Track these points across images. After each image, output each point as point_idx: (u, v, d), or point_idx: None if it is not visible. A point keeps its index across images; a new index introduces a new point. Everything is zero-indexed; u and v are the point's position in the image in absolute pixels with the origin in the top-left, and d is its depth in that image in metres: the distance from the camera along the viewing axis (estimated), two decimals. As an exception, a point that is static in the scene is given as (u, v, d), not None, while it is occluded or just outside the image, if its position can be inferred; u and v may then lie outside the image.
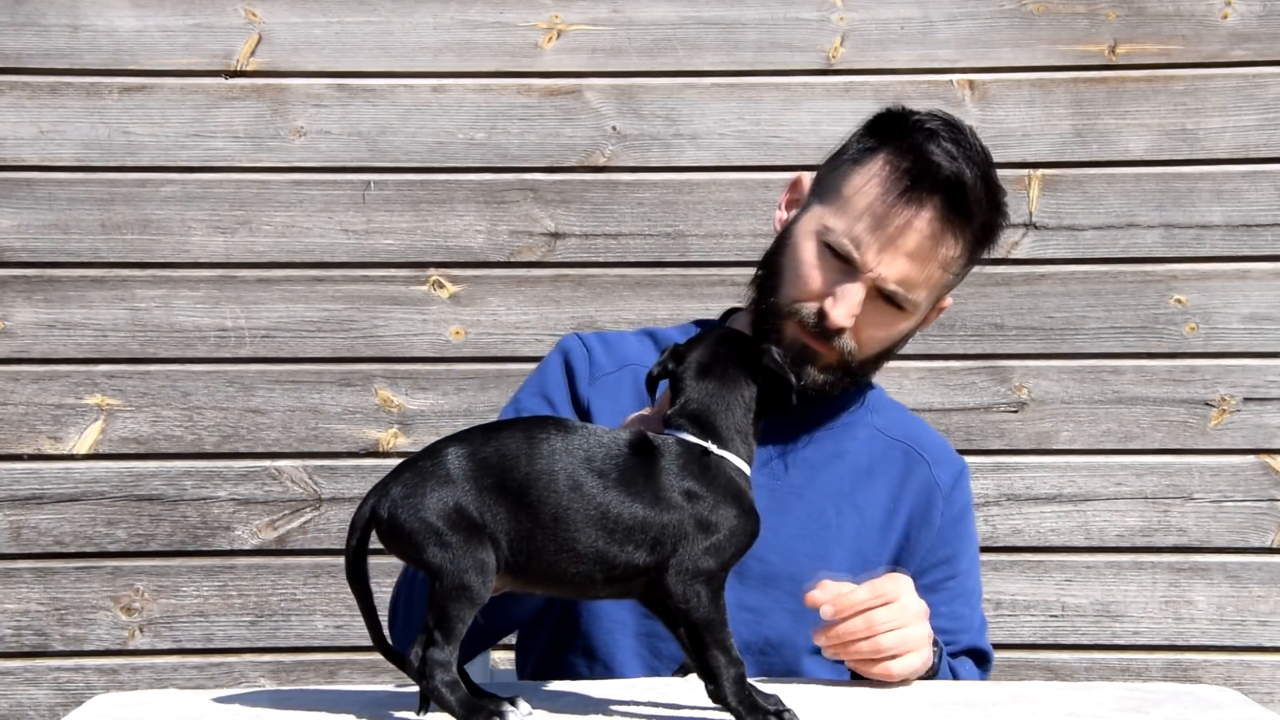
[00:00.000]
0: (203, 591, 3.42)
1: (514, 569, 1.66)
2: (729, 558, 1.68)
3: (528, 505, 1.64)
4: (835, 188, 2.14)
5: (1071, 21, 3.43)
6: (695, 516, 1.67)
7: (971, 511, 2.32)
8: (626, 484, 1.66)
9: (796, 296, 2.13)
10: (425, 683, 1.64)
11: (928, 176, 2.07)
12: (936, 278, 2.13)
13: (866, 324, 2.12)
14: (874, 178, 2.10)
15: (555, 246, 3.43)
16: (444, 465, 1.65)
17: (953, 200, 2.08)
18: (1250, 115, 3.42)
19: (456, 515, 1.64)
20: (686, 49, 3.42)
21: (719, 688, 1.66)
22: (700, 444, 1.72)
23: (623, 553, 1.65)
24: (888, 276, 2.09)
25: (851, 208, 2.11)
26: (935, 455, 2.29)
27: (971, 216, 2.10)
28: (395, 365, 3.42)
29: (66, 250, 3.40)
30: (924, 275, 2.11)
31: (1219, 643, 3.43)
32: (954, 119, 2.14)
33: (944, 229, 2.09)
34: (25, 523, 3.40)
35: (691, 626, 1.66)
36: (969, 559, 2.30)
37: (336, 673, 3.41)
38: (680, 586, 1.65)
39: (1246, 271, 3.43)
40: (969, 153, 2.09)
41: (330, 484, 3.41)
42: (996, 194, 2.14)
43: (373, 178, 3.42)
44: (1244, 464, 3.43)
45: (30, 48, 3.40)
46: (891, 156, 2.10)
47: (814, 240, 2.13)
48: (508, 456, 1.65)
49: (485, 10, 3.43)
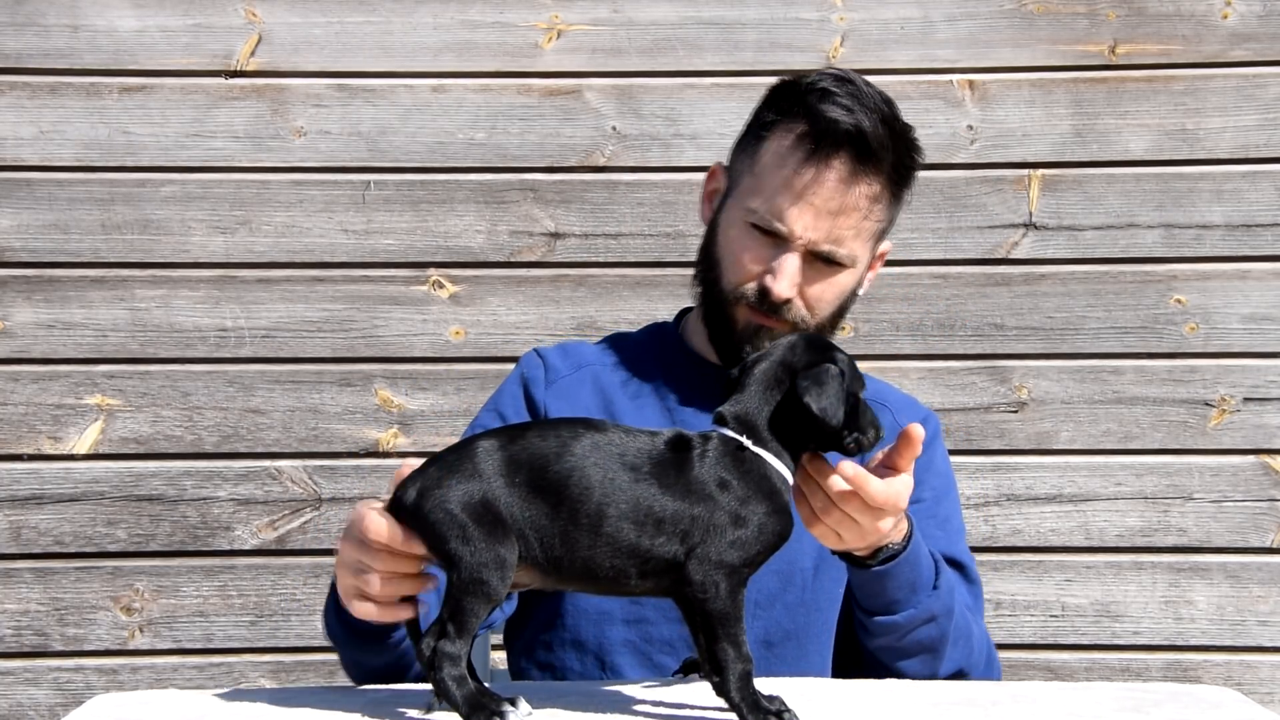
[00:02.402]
0: (203, 591, 3.42)
1: (546, 567, 1.66)
2: (754, 554, 1.68)
3: (562, 502, 1.64)
4: (748, 169, 2.22)
5: (1071, 21, 3.43)
6: (725, 509, 1.67)
7: (940, 448, 2.35)
8: (659, 477, 1.67)
9: (738, 281, 2.20)
10: (433, 674, 1.64)
11: (829, 135, 2.14)
12: (865, 227, 2.19)
13: (811, 288, 2.19)
14: (780, 150, 2.18)
15: (555, 246, 3.43)
16: (473, 460, 1.66)
17: (858, 151, 2.14)
18: (1250, 115, 3.43)
19: (482, 509, 1.64)
20: (686, 49, 3.42)
21: (724, 681, 1.66)
22: (736, 439, 1.72)
23: (655, 545, 1.65)
24: (817, 239, 2.16)
25: (766, 184, 2.18)
26: (899, 405, 2.35)
27: (880, 161, 2.16)
28: (395, 365, 3.42)
29: (66, 250, 3.40)
30: (851, 227, 2.17)
31: (1219, 643, 3.43)
32: (844, 72, 2.21)
33: (857, 179, 2.15)
34: (25, 523, 3.40)
35: (706, 617, 1.66)
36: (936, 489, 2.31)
37: (336, 673, 3.41)
38: (700, 574, 1.65)
39: (1246, 271, 3.43)
40: (863, 101, 2.16)
41: (330, 484, 3.41)
42: (901, 133, 2.20)
43: (373, 178, 3.42)
44: (1244, 464, 3.43)
45: (30, 48, 3.40)
46: (791, 125, 2.18)
47: (740, 224, 2.20)
48: (539, 454, 1.66)
49: (485, 10, 3.43)
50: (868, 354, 3.39)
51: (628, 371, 2.32)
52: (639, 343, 2.39)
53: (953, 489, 2.36)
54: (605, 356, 2.35)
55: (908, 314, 3.43)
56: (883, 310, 3.43)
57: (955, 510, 2.34)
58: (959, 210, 3.43)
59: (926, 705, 1.84)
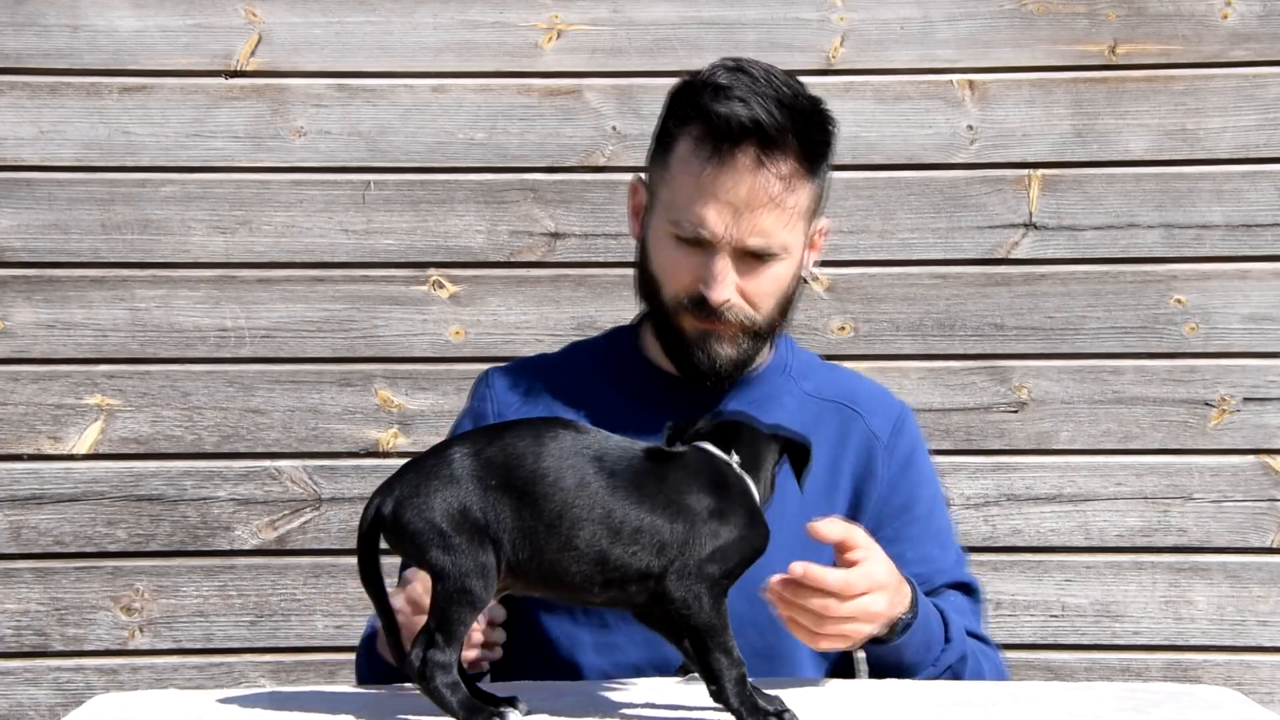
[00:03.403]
0: (203, 591, 3.42)
1: (516, 568, 1.65)
2: (734, 565, 1.67)
3: (532, 501, 1.63)
4: (662, 180, 2.19)
5: (1071, 21, 3.43)
6: (703, 522, 1.66)
7: (921, 452, 2.32)
8: (637, 486, 1.66)
9: (675, 292, 2.18)
10: (425, 684, 1.63)
11: (727, 133, 2.10)
12: (788, 213, 2.15)
13: (750, 285, 2.16)
14: (685, 156, 2.15)
15: (555, 246, 3.43)
16: (449, 465, 1.65)
17: (760, 140, 2.10)
18: (1250, 115, 3.42)
19: (461, 516, 1.63)
20: (686, 49, 3.42)
21: (721, 689, 1.65)
22: (721, 455, 1.72)
23: (626, 554, 1.64)
24: (741, 236, 2.13)
25: (680, 193, 2.15)
26: (869, 406, 2.31)
27: (784, 145, 2.11)
28: (395, 365, 3.42)
29: (66, 250, 3.40)
30: (776, 218, 2.14)
31: (1219, 643, 3.43)
32: (738, 61, 2.16)
33: (766, 168, 2.11)
34: (25, 523, 3.40)
35: (693, 632, 1.65)
36: (927, 501, 2.29)
37: (336, 673, 3.41)
38: (681, 590, 1.64)
39: (1246, 271, 3.43)
40: (758, 89, 2.12)
41: (330, 484, 3.41)
42: (805, 109, 2.15)
43: (373, 178, 3.42)
44: (1244, 464, 3.43)
45: (30, 48, 3.40)
46: (691, 128, 2.15)
47: (665, 237, 2.18)
48: (514, 454, 1.65)
49: (485, 10, 3.43)
50: (868, 354, 3.39)
51: (585, 385, 2.30)
52: (597, 351, 2.36)
53: (938, 492, 2.34)
54: (564, 369, 2.33)
55: (908, 314, 3.43)
56: (883, 310, 3.43)
57: (944, 518, 2.33)
58: (959, 210, 3.43)
59: (927, 705, 1.84)
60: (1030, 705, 1.84)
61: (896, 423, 2.30)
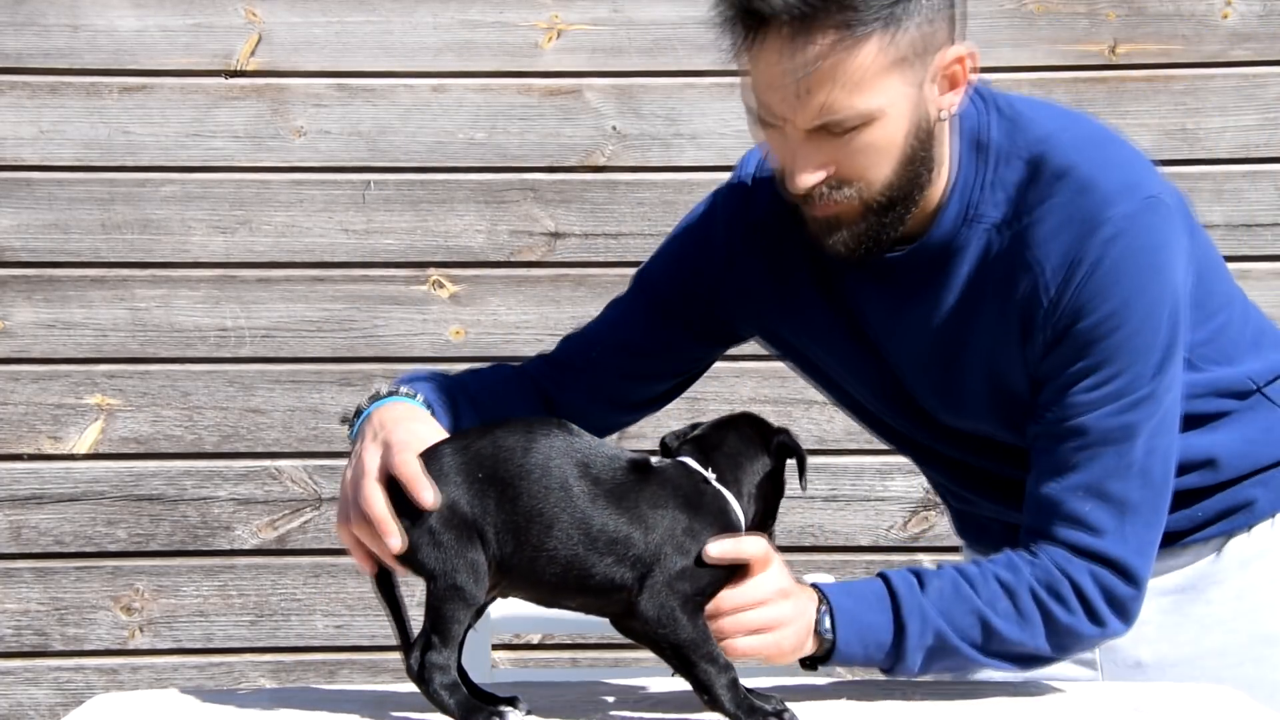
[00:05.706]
0: (203, 591, 3.42)
1: (503, 564, 1.64)
2: (705, 585, 1.65)
3: (514, 498, 1.63)
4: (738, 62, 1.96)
5: (1071, 21, 3.43)
6: (676, 540, 1.65)
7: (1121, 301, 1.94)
8: (618, 496, 1.65)
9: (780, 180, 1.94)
10: (424, 687, 1.63)
11: (750, 12, 1.90)
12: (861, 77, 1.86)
13: (844, 161, 1.88)
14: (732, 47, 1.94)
15: (555, 246, 3.43)
16: (439, 462, 1.65)
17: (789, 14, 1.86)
18: (1250, 115, 3.42)
19: (449, 513, 1.63)
20: (686, 49, 3.42)
21: (714, 698, 1.64)
22: (701, 471, 1.71)
23: (601, 563, 1.63)
24: (809, 117, 1.86)
25: (743, 84, 1.95)
26: (1045, 250, 1.94)
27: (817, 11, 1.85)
28: (395, 365, 3.41)
29: (66, 250, 3.40)
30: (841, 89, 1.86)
31: (1219, 643, 3.43)
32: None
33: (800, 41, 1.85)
34: (25, 523, 3.40)
35: (674, 648, 1.64)
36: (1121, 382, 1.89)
37: (336, 673, 3.41)
38: (654, 610, 1.63)
39: (1246, 271, 3.43)
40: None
41: (330, 484, 3.41)
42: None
43: (373, 178, 3.42)
44: (1244, 464, 3.42)
45: (30, 48, 3.40)
46: (722, 22, 1.96)
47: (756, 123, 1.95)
48: (503, 449, 1.65)
49: (485, 10, 3.43)
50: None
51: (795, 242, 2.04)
52: (777, 213, 2.06)
53: (1142, 367, 1.90)
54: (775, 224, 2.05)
55: (908, 314, 3.43)
56: (883, 310, 3.43)
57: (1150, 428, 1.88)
58: (959, 210, 3.43)
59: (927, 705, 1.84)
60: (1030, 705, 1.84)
61: (1071, 266, 1.96)
